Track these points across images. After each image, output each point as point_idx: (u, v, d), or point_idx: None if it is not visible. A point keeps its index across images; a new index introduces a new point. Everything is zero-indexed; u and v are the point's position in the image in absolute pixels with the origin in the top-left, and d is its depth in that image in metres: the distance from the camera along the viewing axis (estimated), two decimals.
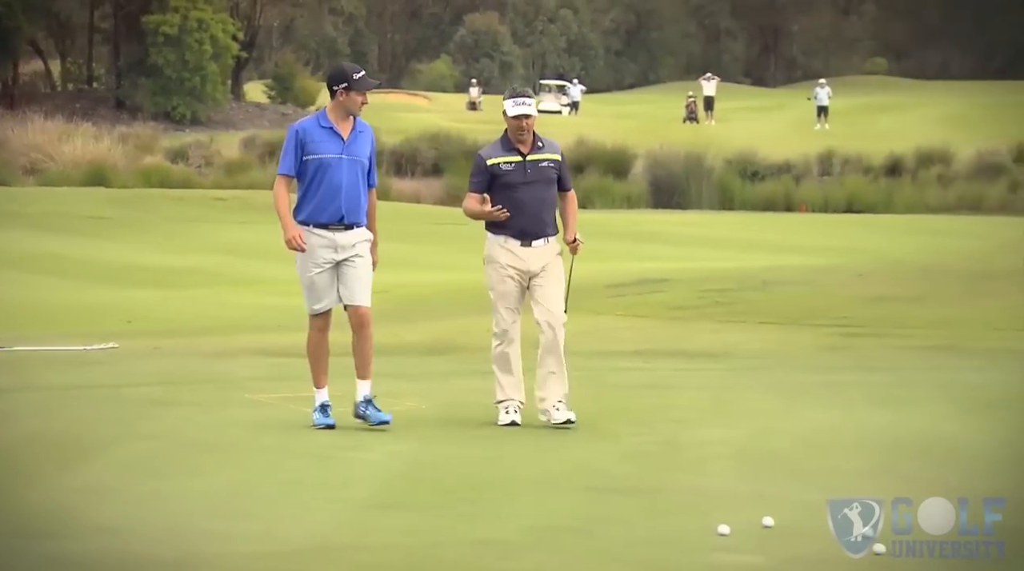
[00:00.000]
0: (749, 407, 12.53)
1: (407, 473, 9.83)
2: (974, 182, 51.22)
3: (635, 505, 8.94)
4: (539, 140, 11.26)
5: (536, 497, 9.12)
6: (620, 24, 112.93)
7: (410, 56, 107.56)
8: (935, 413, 12.25)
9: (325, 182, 10.82)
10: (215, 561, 7.48)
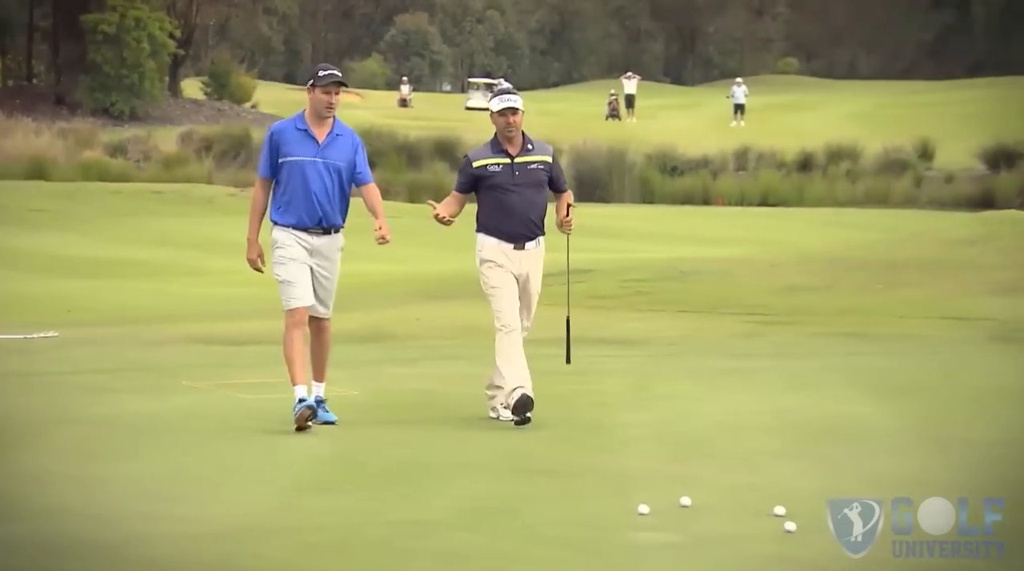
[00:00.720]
0: (668, 392, 12.56)
1: (337, 457, 9.80)
2: (881, 177, 51.59)
3: (559, 486, 8.94)
4: (529, 142, 10.80)
5: (462, 479, 9.11)
6: (545, 25, 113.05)
7: (343, 55, 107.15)
8: (845, 396, 12.32)
9: (299, 185, 10.45)
10: (152, 542, 7.44)
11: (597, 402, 11.93)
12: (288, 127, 10.57)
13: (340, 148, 10.53)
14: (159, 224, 35.19)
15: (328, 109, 10.46)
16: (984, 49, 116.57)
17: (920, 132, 55.64)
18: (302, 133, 10.48)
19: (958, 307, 18.85)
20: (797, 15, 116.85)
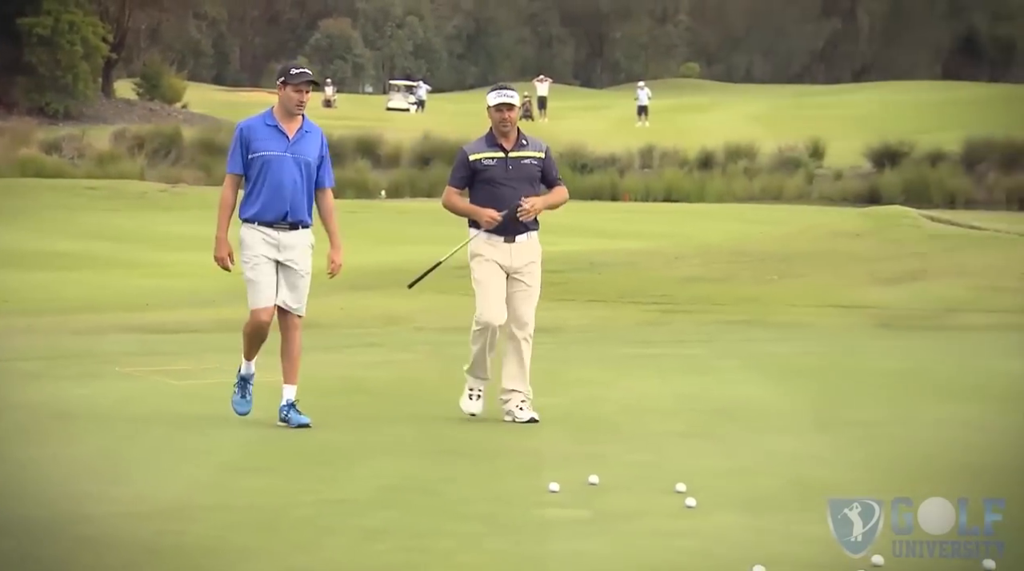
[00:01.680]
0: (578, 377, 12.60)
1: (265, 439, 9.76)
2: (775, 175, 51.93)
3: (475, 466, 8.96)
4: (523, 138, 10.42)
5: (384, 460, 9.10)
6: (462, 30, 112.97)
7: (269, 57, 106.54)
8: (741, 380, 12.42)
9: (269, 180, 9.97)
10: (88, 521, 7.39)
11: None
12: (257, 123, 10.12)
13: (309, 144, 10.13)
14: (93, 218, 34.86)
15: (299, 106, 10.04)
16: (869, 54, 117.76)
17: (811, 132, 56.08)
18: (272, 129, 10.06)
19: (846, 296, 19.03)
20: (697, 23, 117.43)
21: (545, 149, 10.53)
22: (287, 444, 9.57)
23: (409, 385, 12.14)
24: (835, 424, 10.32)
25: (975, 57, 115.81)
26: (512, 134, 10.37)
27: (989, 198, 47.87)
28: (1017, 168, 49.91)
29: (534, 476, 8.52)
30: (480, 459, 9.17)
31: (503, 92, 10.35)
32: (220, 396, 11.06)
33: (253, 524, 7.50)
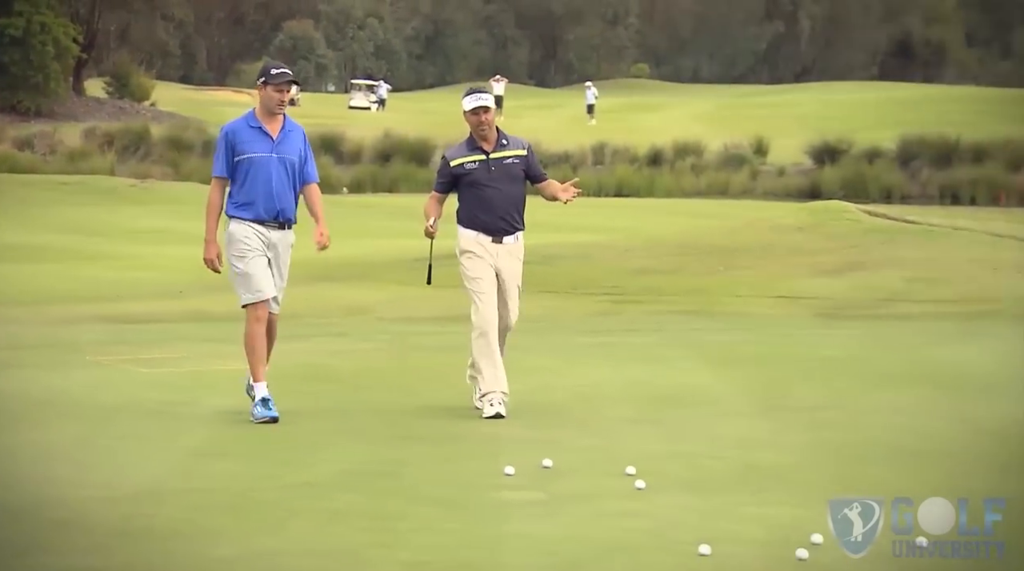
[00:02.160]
0: (532, 365, 12.60)
1: (232, 426, 9.73)
2: (721, 171, 52.12)
3: (434, 451, 8.96)
4: (503, 138, 10.14)
5: (347, 446, 9.09)
6: (420, 32, 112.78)
7: (235, 58, 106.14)
8: (689, 367, 12.46)
9: (257, 181, 9.74)
10: (61, 504, 7.37)
11: (465, 375, 11.94)
12: (241, 126, 9.87)
13: (292, 143, 9.92)
14: (65, 213, 34.62)
15: (280, 106, 9.81)
16: (810, 56, 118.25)
17: (755, 131, 56.29)
18: (256, 130, 9.81)
19: (788, 287, 19.12)
20: (647, 26, 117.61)
21: (527, 146, 10.27)
22: (253, 430, 9.54)
23: (371, 373, 12.13)
24: (777, 409, 10.38)
25: (909, 59, 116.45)
26: (491, 135, 10.09)
27: (923, 193, 48.19)
28: (949, 164, 50.25)
29: (491, 460, 8.53)
30: (439, 444, 9.17)
31: (478, 96, 10.04)
32: (188, 384, 11.04)
33: (220, 507, 7.48)
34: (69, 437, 9.22)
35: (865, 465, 8.52)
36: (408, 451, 8.93)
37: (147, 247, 27.28)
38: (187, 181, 43.06)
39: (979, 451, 8.87)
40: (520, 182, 10.15)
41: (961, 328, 15.19)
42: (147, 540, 6.87)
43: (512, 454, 8.65)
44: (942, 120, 56.53)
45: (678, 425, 9.73)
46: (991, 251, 21.26)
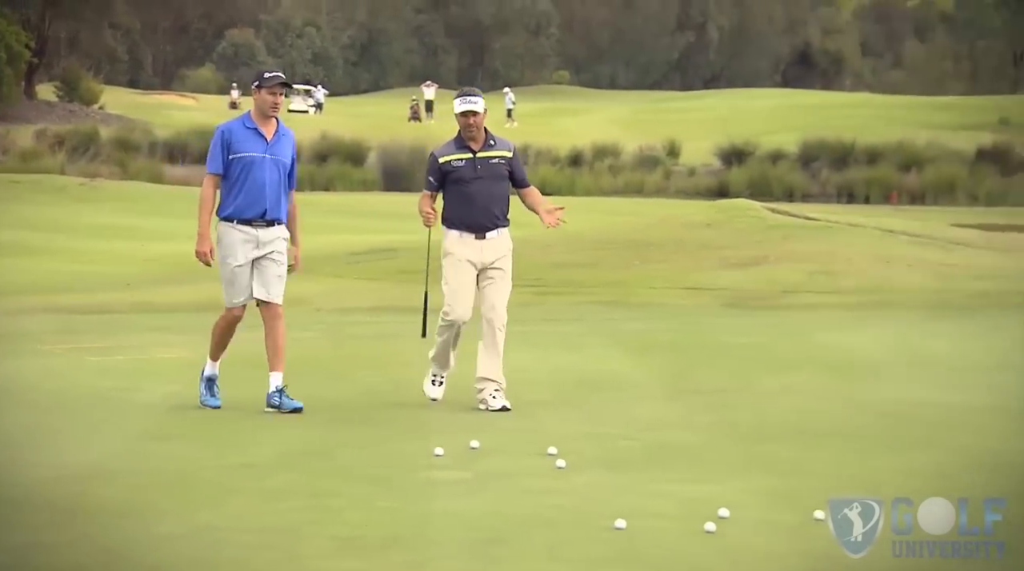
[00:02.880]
0: (460, 352, 12.58)
1: (174, 410, 9.67)
2: (637, 171, 52.33)
3: (368, 433, 8.95)
4: (491, 138, 9.88)
5: (285, 428, 9.06)
6: (355, 40, 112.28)
7: (179, 64, 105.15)
8: (606, 355, 12.50)
9: (250, 180, 9.50)
10: (13, 485, 7.31)
11: (402, 362, 11.93)
12: (237, 126, 9.65)
13: (284, 146, 9.68)
14: (17, 210, 34.18)
15: (273, 108, 9.59)
16: (718, 65, 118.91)
17: (668, 134, 56.56)
18: (252, 131, 9.58)
19: (698, 279, 19.22)
20: (567, 36, 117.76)
21: (512, 149, 10.01)
22: (196, 414, 9.49)
23: (308, 361, 12.07)
24: (687, 392, 10.44)
25: (809, 68, 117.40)
26: (480, 136, 9.84)
27: (822, 192, 48.62)
28: (846, 166, 50.78)
29: (421, 442, 8.53)
30: (372, 427, 9.16)
31: (467, 99, 9.80)
32: (135, 371, 10.95)
33: (165, 486, 7.45)
34: (21, 422, 9.14)
35: (766, 443, 8.60)
36: (342, 434, 8.91)
37: (96, 242, 27.01)
38: (134, 180, 42.70)
39: (866, 429, 8.98)
40: (504, 181, 9.87)
41: (855, 317, 15.35)
42: (96, 517, 6.82)
43: (441, 436, 8.65)
44: (839, 125, 57.07)
45: (596, 408, 9.77)
46: (883, 246, 21.49)
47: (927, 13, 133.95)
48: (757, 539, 6.53)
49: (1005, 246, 23.88)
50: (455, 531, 6.67)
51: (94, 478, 7.61)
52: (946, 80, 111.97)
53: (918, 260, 20.10)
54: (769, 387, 10.63)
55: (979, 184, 48.71)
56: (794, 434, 8.84)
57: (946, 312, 15.57)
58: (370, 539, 6.48)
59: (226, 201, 9.60)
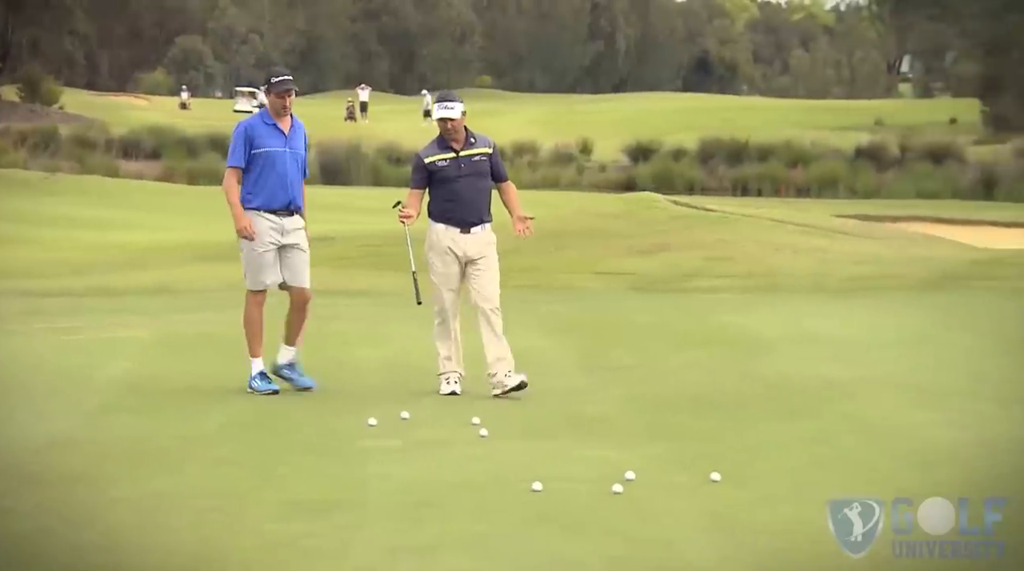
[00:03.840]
0: (392, 332, 12.57)
1: (129, 385, 9.56)
2: (553, 167, 52.33)
3: (307, 406, 8.91)
4: (471, 137, 9.48)
5: (229, 401, 9.00)
6: (295, 46, 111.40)
7: (133, 67, 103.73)
8: (526, 334, 12.46)
9: (273, 173, 9.26)
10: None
11: (340, 341, 11.87)
12: (257, 122, 9.38)
13: (300, 139, 9.48)
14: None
15: (283, 109, 9.34)
16: (626, 71, 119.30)
17: (581, 133, 56.64)
18: (271, 127, 9.34)
19: (608, 265, 19.27)
20: (489, 43, 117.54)
21: (492, 145, 9.65)
22: (151, 389, 9.39)
23: None
24: (597, 368, 10.47)
25: (707, 74, 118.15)
26: (460, 136, 9.43)
27: (719, 186, 48.90)
28: (740, 162, 51.11)
29: (356, 414, 8.50)
30: (312, 400, 9.12)
31: (444, 106, 9.40)
32: (95, 349, 10.82)
33: (121, 455, 7.39)
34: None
35: (668, 413, 8.66)
36: (285, 406, 8.87)
37: (57, 231, 26.60)
38: (92, 174, 42.12)
39: (758, 399, 9.05)
40: (486, 177, 9.54)
41: (747, 298, 15.47)
42: (57, 484, 6.75)
43: (375, 408, 8.63)
44: (734, 125, 57.47)
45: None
46: (773, 234, 21.67)
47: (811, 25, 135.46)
48: (659, 499, 6.59)
49: (881, 235, 24.20)
50: (389, 494, 6.66)
51: (55, 448, 7.53)
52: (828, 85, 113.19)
53: (804, 247, 20.29)
54: (671, 362, 10.69)
55: (857, 179, 49.23)
56: (694, 404, 8.91)
57: (828, 294, 15.74)
58: (312, 503, 6.46)
59: (253, 193, 9.34)
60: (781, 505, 6.44)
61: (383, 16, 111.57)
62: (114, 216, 29.70)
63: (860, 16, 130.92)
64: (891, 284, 16.54)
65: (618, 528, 6.07)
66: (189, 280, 17.75)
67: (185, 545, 5.81)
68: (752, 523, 6.15)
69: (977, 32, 78.40)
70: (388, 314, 14.35)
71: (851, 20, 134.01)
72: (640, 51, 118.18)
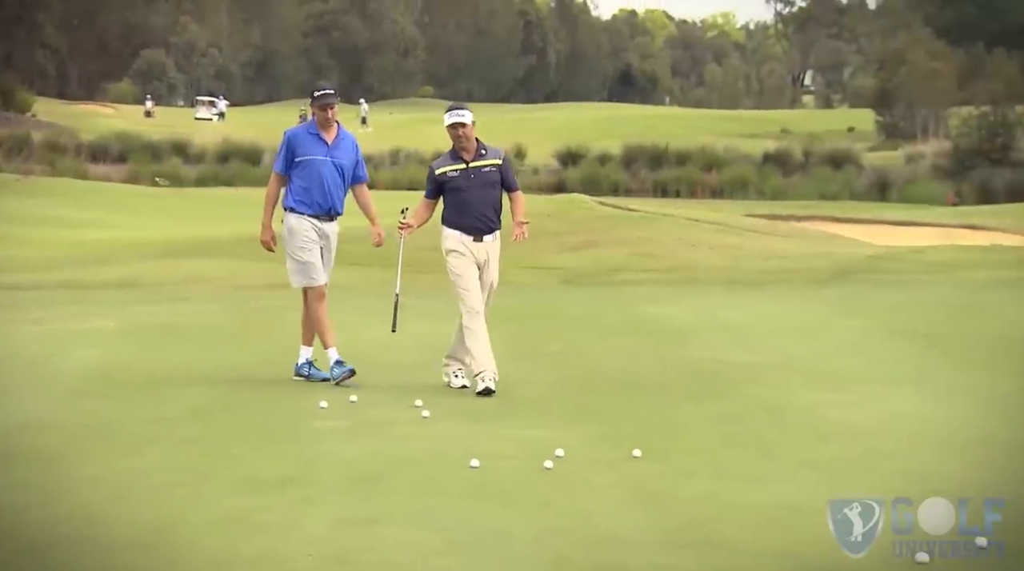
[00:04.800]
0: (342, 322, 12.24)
1: (99, 372, 9.45)
2: None
3: (264, 391, 8.85)
4: (482, 148, 9.05)
5: (192, 387, 8.92)
6: (252, 59, 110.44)
7: (101, 79, 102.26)
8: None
9: (313, 179, 9.01)
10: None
11: (291, 331, 11.75)
12: (302, 132, 9.14)
13: (344, 150, 9.20)
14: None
15: (327, 121, 9.07)
16: (556, 82, 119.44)
17: (516, 139, 56.64)
18: (314, 137, 9.08)
19: (541, 261, 19.28)
20: (431, 57, 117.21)
21: (502, 156, 9.15)
22: (119, 375, 9.28)
23: (212, 330, 11.89)
24: (530, 354, 10.49)
25: (630, 86, 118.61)
26: (471, 147, 9.00)
27: (641, 188, 49.15)
28: (660, 166, 51.44)
29: (308, 398, 8.47)
30: (268, 386, 9.06)
31: (455, 113, 8.97)
32: (66, 338, 10.68)
33: (91, 436, 7.31)
34: None
35: (595, 396, 8.69)
36: (242, 392, 8.80)
37: (29, 230, 26.20)
38: (62, 177, 41.57)
39: (676, 383, 9.12)
40: (496, 187, 9.06)
41: (667, 291, 15.55)
42: (31, 463, 6.67)
43: (325, 392, 8.60)
44: (655, 133, 57.79)
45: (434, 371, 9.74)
46: (690, 232, 21.81)
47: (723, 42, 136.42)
48: (585, 474, 6.62)
49: (786, 233, 24.43)
50: (338, 471, 6.65)
51: (28, 429, 7.44)
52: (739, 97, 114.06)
53: (717, 244, 20.44)
54: (598, 349, 10.73)
55: (765, 182, 49.71)
56: (618, 388, 8.95)
57: (740, 286, 15.86)
58: (266, 479, 6.43)
59: (295, 197, 9.09)
60: (696, 479, 6.50)
61: (333, 32, 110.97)
62: (83, 216, 29.31)
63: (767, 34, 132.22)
64: (795, 277, 16.71)
65: (548, 501, 6.09)
66: (154, 275, 17.54)
67: (149, 518, 5.76)
68: (670, 495, 6.19)
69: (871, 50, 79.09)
70: (338, 306, 14.22)
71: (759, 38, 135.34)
72: (569, 65, 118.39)
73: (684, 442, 7.30)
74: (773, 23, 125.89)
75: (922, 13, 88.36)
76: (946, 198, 46.30)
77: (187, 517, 5.78)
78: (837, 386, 8.83)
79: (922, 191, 48.08)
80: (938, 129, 65.19)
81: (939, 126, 65.56)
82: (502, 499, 6.12)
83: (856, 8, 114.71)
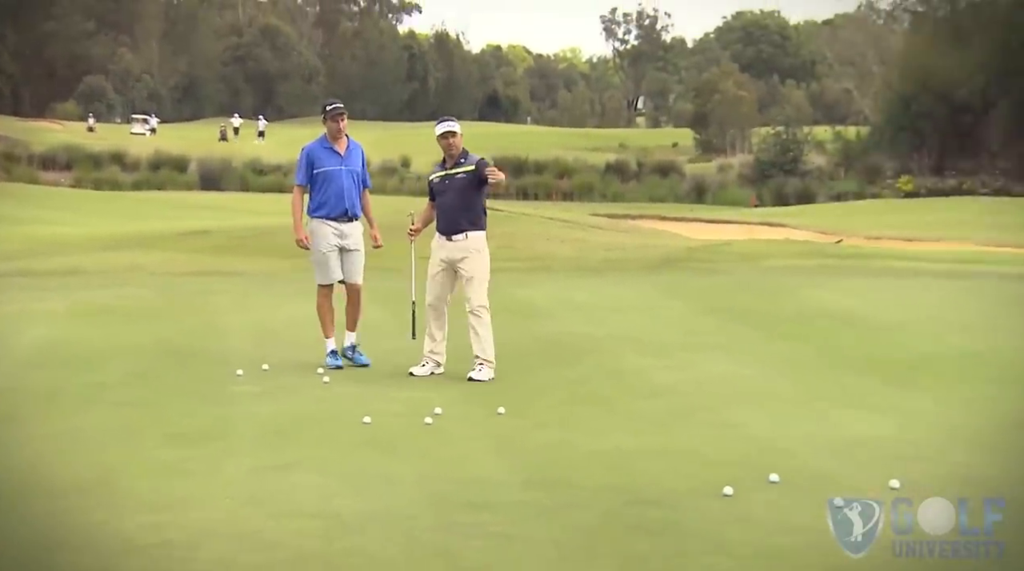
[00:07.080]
0: (258, 303, 12.28)
1: (47, 345, 9.13)
2: (380, 177, 51.85)
3: (188, 360, 8.65)
4: (463, 157, 8.35)
5: (129, 357, 8.67)
6: (180, 83, 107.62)
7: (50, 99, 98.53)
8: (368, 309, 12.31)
9: (332, 188, 8.54)
10: None
11: (214, 311, 11.56)
12: (317, 146, 8.63)
13: (355, 158, 8.75)
14: None
15: (338, 131, 8.61)
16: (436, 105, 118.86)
17: (403, 152, 56.46)
18: (328, 150, 8.60)
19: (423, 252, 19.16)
20: (331, 82, 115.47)
21: (476, 162, 8.32)
22: (63, 347, 8.98)
23: (145, 310, 11.56)
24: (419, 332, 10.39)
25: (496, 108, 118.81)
26: (456, 154, 8.35)
27: (506, 192, 49.10)
28: (522, 174, 51.69)
29: (227, 366, 8.30)
30: (192, 356, 8.85)
31: (445, 124, 8.44)
32: (18, 318, 10.27)
33: (38, 400, 7.08)
34: None
35: (467, 364, 8.68)
36: (171, 360, 8.59)
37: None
38: (17, 182, 40.07)
39: (535, 352, 9.18)
40: (468, 191, 8.31)
41: (529, 277, 15.63)
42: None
43: (241, 362, 8.44)
44: (517, 146, 58.04)
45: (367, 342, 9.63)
46: (545, 228, 21.95)
47: (572, 72, 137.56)
48: (459, 428, 6.63)
49: (624, 229, 24.75)
50: (252, 427, 6.53)
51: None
52: (585, 117, 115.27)
53: (568, 238, 20.61)
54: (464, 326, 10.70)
55: (607, 187, 50.40)
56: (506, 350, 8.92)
57: (586, 273, 16.03)
58: (192, 434, 6.29)
59: (316, 204, 8.63)
60: (549, 430, 6.55)
61: (248, 61, 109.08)
62: (34, 214, 28.24)
63: (608, 66, 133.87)
64: (631, 265, 16.96)
65: (428, 450, 6.08)
66: (96, 264, 16.97)
67: (91, 470, 5.59)
68: (528, 444, 6.24)
69: (690, 80, 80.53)
70: (254, 290, 14.01)
71: (601, 69, 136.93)
72: (446, 89, 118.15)
73: (540, 401, 7.36)
74: (612, 57, 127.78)
75: (730, 51, 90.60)
76: (750, 201, 47.55)
77: (123, 467, 5.63)
78: (664, 353, 8.98)
79: (731, 195, 49.30)
80: (743, 145, 66.82)
81: (744, 143, 67.20)
82: (390, 449, 6.09)
83: (677, 46, 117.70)
